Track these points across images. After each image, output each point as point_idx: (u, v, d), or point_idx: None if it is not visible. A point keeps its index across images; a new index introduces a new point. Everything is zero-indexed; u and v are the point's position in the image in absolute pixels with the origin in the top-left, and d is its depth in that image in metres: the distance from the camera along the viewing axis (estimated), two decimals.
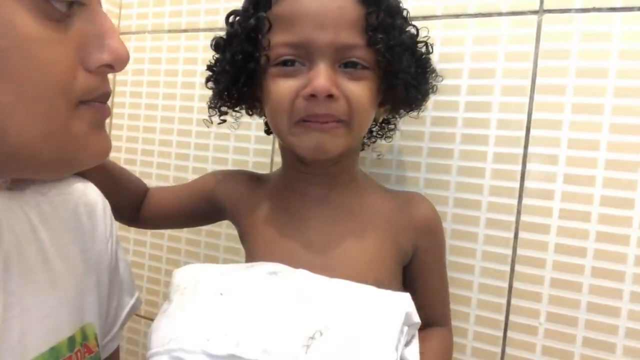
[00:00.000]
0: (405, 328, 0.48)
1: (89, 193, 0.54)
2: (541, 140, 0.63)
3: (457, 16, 0.68)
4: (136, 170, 0.92)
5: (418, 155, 0.71)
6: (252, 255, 0.61)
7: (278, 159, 0.80)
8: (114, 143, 0.95)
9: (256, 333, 0.46)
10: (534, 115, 0.64)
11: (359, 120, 0.54)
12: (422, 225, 0.60)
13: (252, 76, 0.55)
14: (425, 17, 0.67)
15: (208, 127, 0.64)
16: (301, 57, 0.52)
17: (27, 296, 0.42)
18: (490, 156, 0.66)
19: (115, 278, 0.55)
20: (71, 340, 0.46)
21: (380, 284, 0.54)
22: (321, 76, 0.50)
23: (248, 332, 0.46)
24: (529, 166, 0.64)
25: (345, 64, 0.52)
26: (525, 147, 0.64)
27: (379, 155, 0.71)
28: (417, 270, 0.61)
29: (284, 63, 0.52)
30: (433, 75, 0.60)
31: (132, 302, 0.58)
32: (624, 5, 0.60)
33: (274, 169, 0.80)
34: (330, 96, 0.50)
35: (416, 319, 0.50)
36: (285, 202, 0.60)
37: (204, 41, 0.87)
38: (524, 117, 0.64)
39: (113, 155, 0.93)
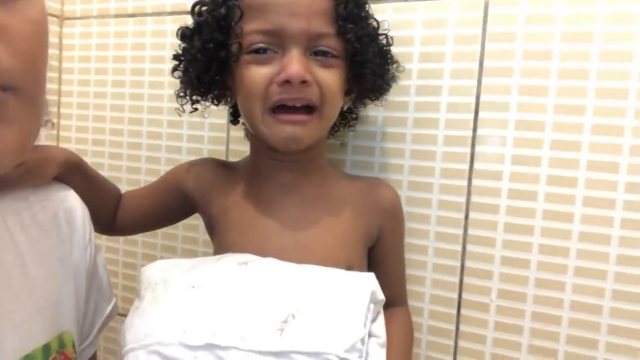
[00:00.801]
0: (372, 305, 0.51)
1: (69, 200, 0.53)
2: (489, 122, 0.65)
3: None
4: (88, 162, 0.89)
5: (372, 139, 0.71)
6: (224, 240, 0.61)
7: (233, 147, 0.80)
8: (62, 133, 0.93)
9: (231, 322, 0.47)
10: (482, 98, 0.65)
11: (330, 107, 0.56)
12: (387, 208, 0.63)
13: (224, 64, 0.56)
14: (375, 1, 0.67)
15: (180, 116, 0.63)
16: (274, 45, 0.53)
17: (3, 303, 0.42)
18: (441, 139, 0.67)
19: (93, 284, 0.55)
20: (46, 348, 0.45)
21: (351, 265, 0.57)
22: (295, 63, 0.51)
23: (223, 321, 0.47)
24: (477, 148, 0.65)
25: (315, 52, 0.54)
26: (474, 129, 0.65)
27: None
28: (381, 252, 0.63)
29: (257, 51, 0.53)
30: (394, 65, 0.63)
31: (109, 308, 0.58)
32: None
33: (230, 157, 0.79)
34: (304, 82, 0.52)
35: (381, 296, 0.53)
36: (256, 188, 0.61)
37: (152, 26, 0.84)
38: (473, 99, 0.65)
39: (64, 147, 0.90)
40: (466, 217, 0.67)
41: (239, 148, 0.79)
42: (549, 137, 0.62)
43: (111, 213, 0.66)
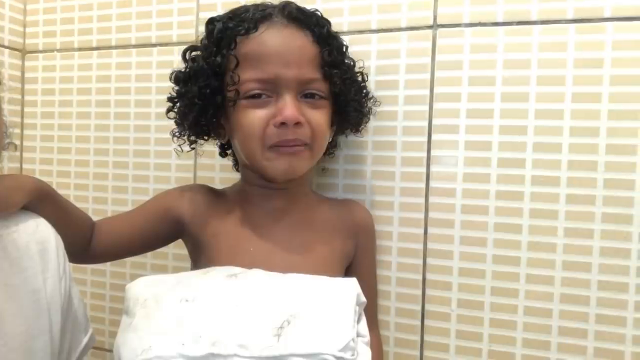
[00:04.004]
0: (357, 307, 0.55)
1: (41, 230, 0.52)
2: (441, 143, 0.70)
3: (361, 32, 0.73)
4: None
5: (335, 162, 0.75)
6: (212, 264, 0.61)
7: (201, 174, 0.82)
8: (25, 166, 0.92)
9: (230, 331, 0.50)
10: (434, 122, 0.70)
11: (320, 142, 0.62)
12: (362, 226, 0.69)
13: (219, 107, 0.61)
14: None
15: (179, 156, 0.69)
16: (269, 90, 0.59)
17: None
18: (399, 160, 0.72)
19: (68, 317, 0.54)
20: None
21: None
22: (290, 107, 0.57)
23: (222, 331, 0.50)
24: (432, 168, 0.71)
25: (305, 95, 0.60)
26: (429, 150, 0.71)
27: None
28: (356, 268, 0.68)
29: (253, 96, 0.59)
30: (371, 100, 0.69)
31: (86, 339, 0.57)
32: (505, 20, 0.67)
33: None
34: (297, 123, 0.58)
35: (363, 298, 0.57)
36: (247, 214, 0.65)
37: (117, 59, 0.86)
38: (425, 123, 0.71)
39: None
40: (425, 232, 0.71)
41: (206, 174, 0.81)
42: (495, 156, 0.68)
43: (84, 242, 0.64)
